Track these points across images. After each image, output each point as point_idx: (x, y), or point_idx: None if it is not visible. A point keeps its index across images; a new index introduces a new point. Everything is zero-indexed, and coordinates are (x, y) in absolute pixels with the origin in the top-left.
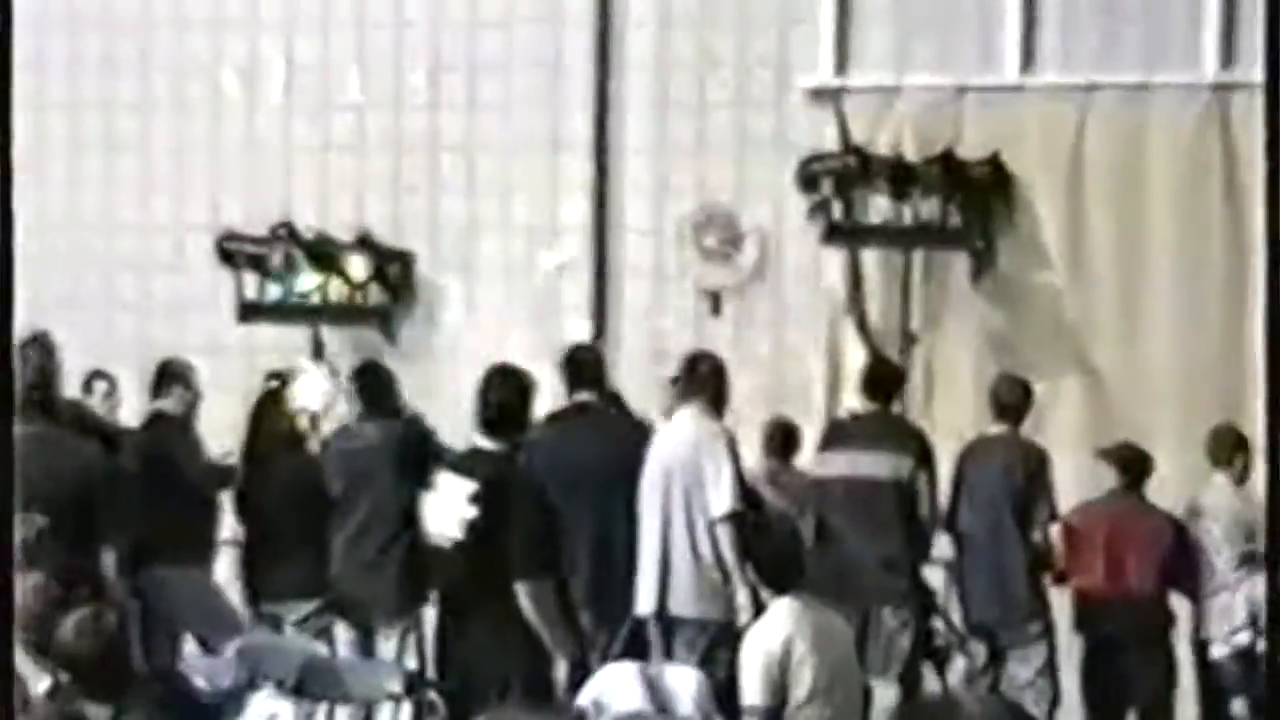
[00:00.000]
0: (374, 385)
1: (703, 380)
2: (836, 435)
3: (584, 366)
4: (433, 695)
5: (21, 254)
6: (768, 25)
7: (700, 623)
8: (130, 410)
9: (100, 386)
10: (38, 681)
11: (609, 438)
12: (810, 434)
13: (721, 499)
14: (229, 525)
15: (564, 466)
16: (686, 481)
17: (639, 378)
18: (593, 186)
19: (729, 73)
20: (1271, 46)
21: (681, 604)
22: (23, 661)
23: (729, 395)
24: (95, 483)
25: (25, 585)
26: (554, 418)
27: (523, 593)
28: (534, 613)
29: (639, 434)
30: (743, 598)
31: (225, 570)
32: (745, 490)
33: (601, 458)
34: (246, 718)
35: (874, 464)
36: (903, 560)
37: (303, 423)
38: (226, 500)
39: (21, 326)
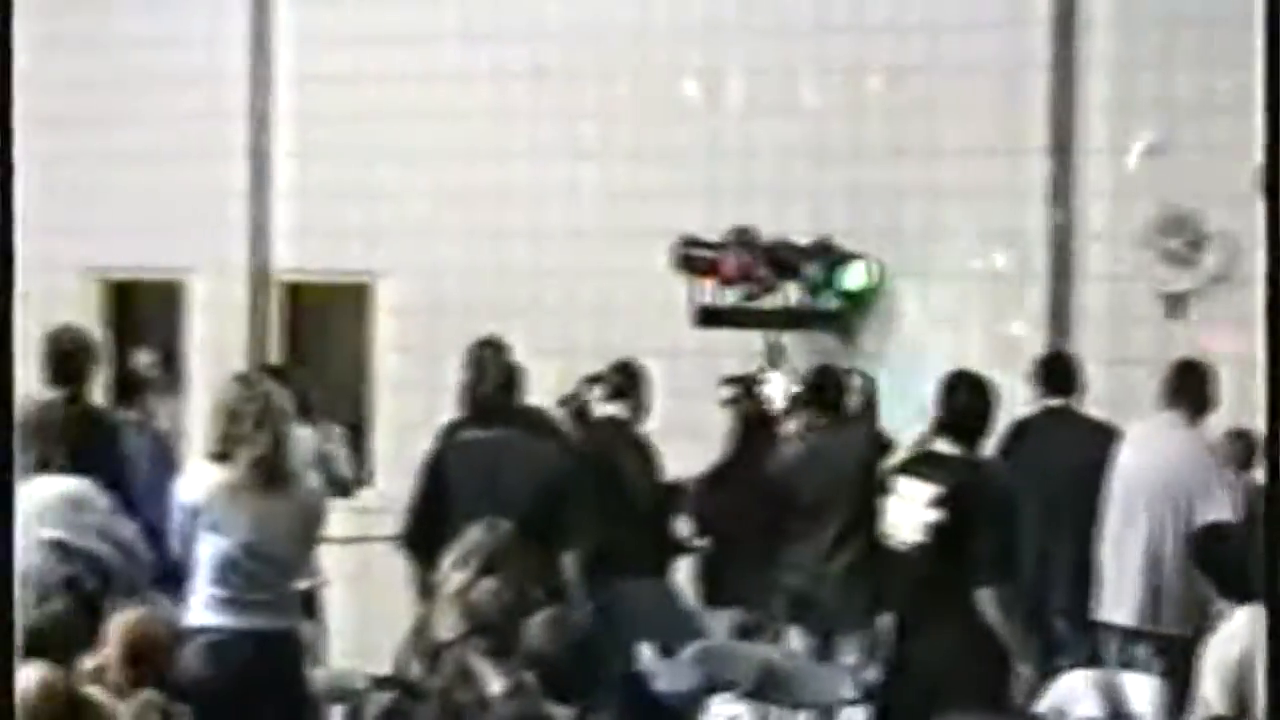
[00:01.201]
0: (831, 390)
1: (1185, 387)
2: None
3: (1057, 372)
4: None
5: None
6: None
7: (1166, 634)
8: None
9: (595, 391)
10: (493, 682)
11: (1080, 443)
12: None
13: (1212, 509)
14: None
15: (1038, 471)
16: (1175, 491)
17: (1099, 382)
18: (1052, 189)
19: (1192, 75)
20: (1272, 46)
21: (1155, 614)
22: (478, 662)
23: (1212, 402)
24: (555, 487)
25: (484, 588)
26: (1024, 423)
27: (987, 598)
28: (998, 618)
29: (1106, 439)
30: (1216, 608)
31: (682, 573)
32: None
33: (1074, 463)
34: None
35: None
36: None
37: (763, 427)
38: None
39: (482, 331)
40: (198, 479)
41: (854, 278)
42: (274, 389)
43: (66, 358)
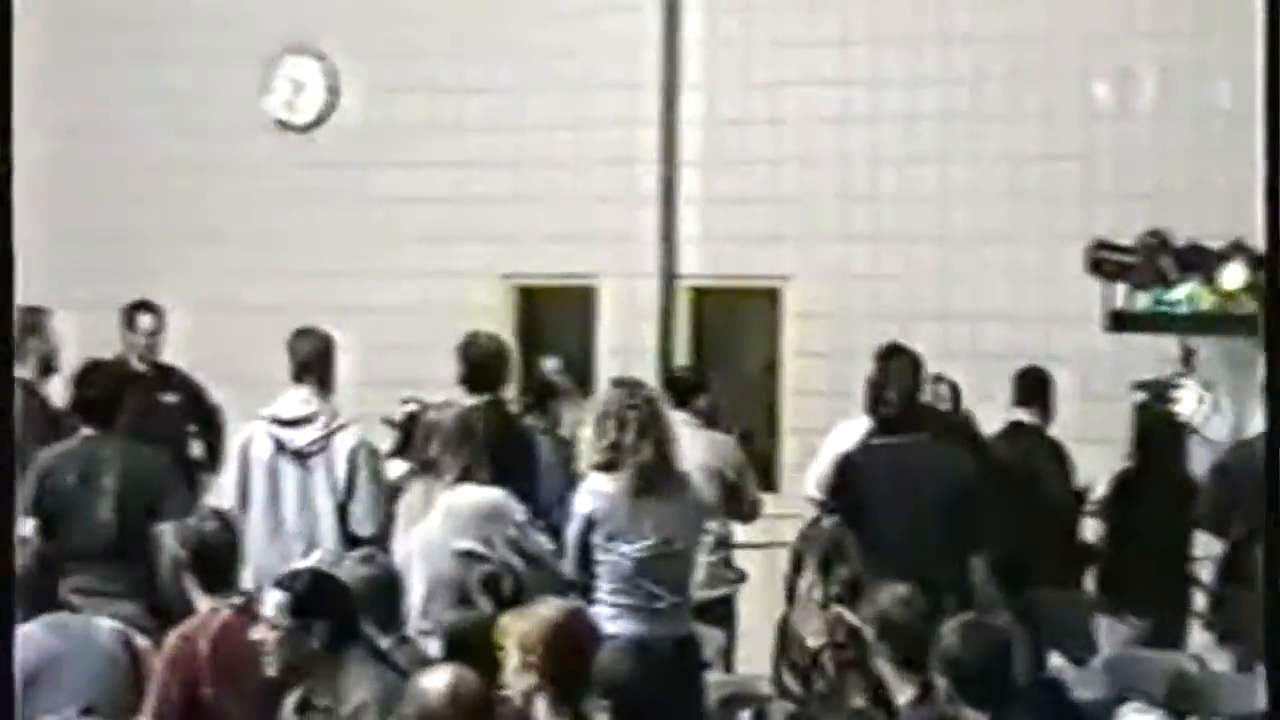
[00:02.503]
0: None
1: None
2: None
3: None
4: None
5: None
6: None
7: None
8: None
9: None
10: (901, 689)
11: None
12: None
13: None
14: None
15: None
16: None
17: None
18: None
19: None
20: (1272, 47)
21: None
22: (886, 670)
23: None
24: (967, 491)
25: (888, 595)
26: None
27: None
28: None
29: None
30: None
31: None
32: None
33: None
34: None
35: None
36: None
37: (1172, 432)
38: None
39: (888, 336)
40: (592, 489)
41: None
42: (656, 393)
43: (483, 365)
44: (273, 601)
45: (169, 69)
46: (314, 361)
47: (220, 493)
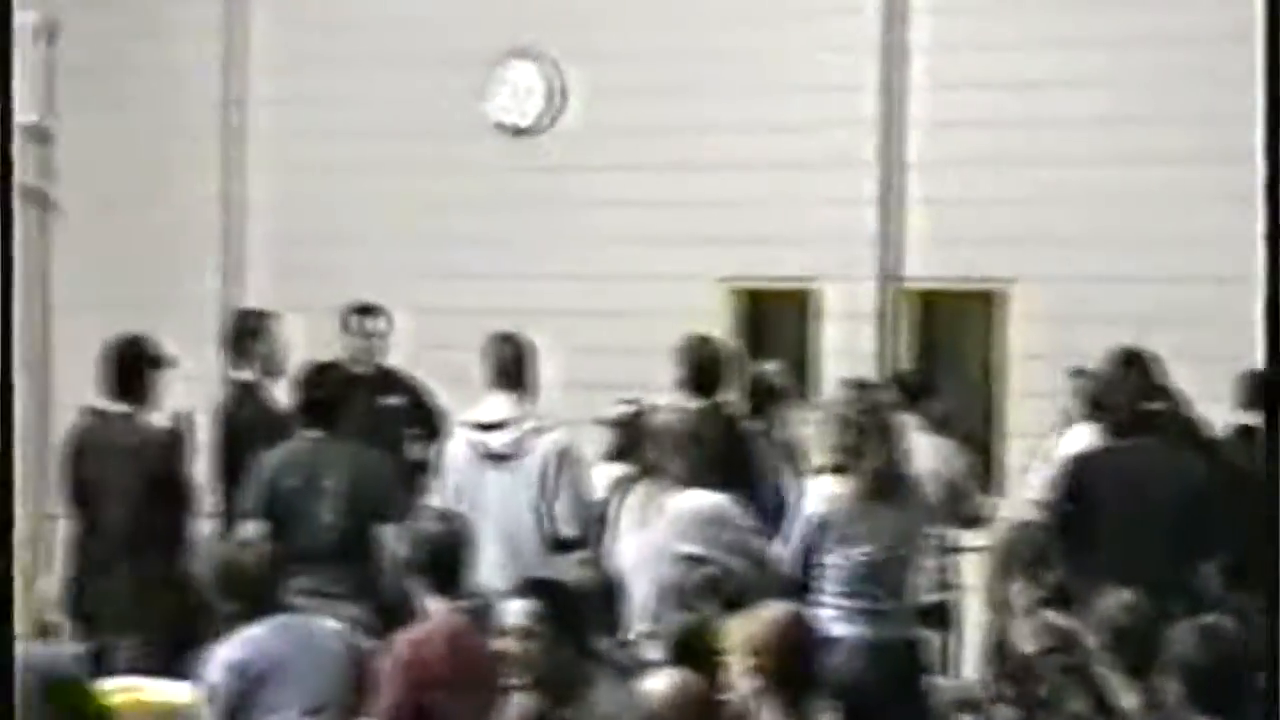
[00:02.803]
0: None
1: None
2: None
3: None
4: None
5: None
6: None
7: None
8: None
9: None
10: (1126, 694)
11: None
12: None
13: None
14: None
15: None
16: None
17: None
18: None
19: None
20: (1272, 47)
21: None
22: (1110, 676)
23: None
24: (1198, 496)
25: (1114, 601)
26: None
27: None
28: None
29: None
30: None
31: None
32: None
33: None
34: None
35: None
36: None
37: None
38: None
39: (1118, 339)
40: (821, 492)
41: None
42: (886, 396)
43: (704, 368)
44: (517, 610)
45: (389, 73)
46: (512, 366)
47: (441, 496)
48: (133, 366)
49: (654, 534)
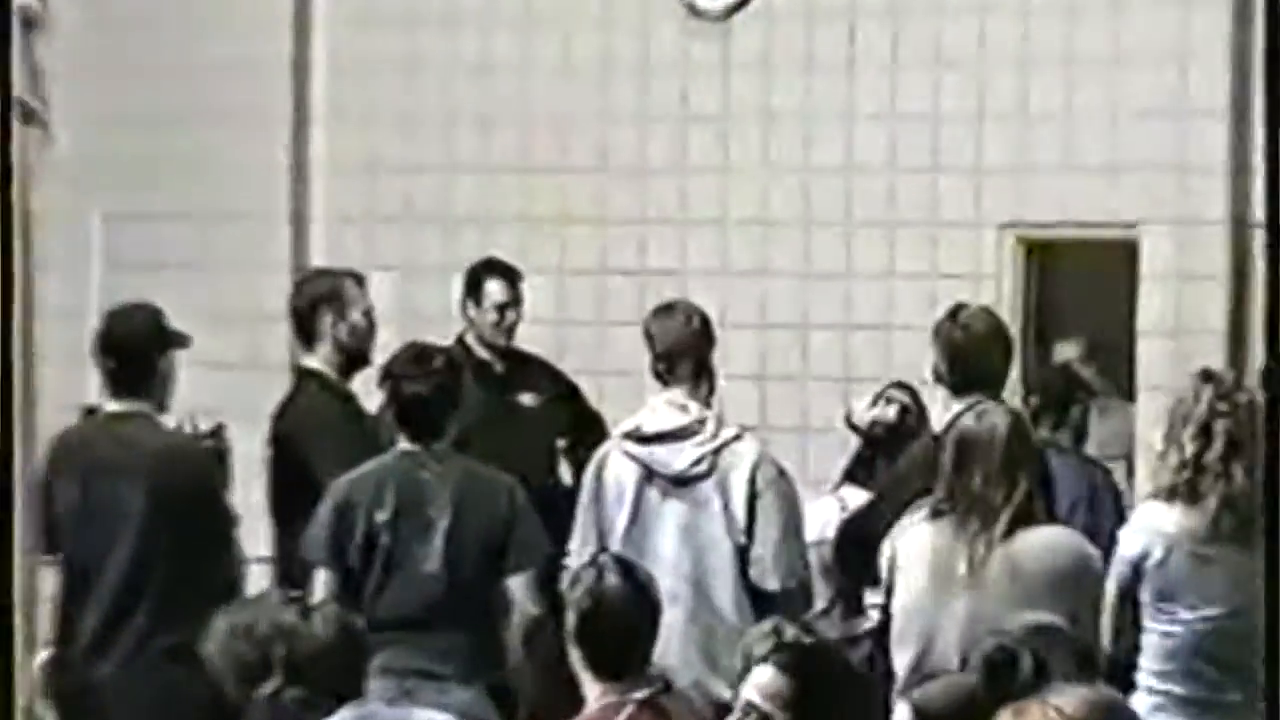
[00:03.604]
0: None
1: None
2: None
3: None
4: None
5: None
6: None
7: None
8: None
9: None
10: None
11: None
12: None
13: None
14: None
15: None
16: None
17: None
18: None
19: None
20: (1272, 47)
21: None
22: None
23: None
24: None
25: None
26: None
27: None
28: None
29: None
30: None
31: None
32: None
33: None
34: None
35: None
36: None
37: None
38: None
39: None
40: (1146, 525)
41: None
42: (1256, 397)
43: (972, 351)
44: (759, 685)
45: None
46: (683, 350)
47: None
48: (139, 347)
49: (985, 597)
